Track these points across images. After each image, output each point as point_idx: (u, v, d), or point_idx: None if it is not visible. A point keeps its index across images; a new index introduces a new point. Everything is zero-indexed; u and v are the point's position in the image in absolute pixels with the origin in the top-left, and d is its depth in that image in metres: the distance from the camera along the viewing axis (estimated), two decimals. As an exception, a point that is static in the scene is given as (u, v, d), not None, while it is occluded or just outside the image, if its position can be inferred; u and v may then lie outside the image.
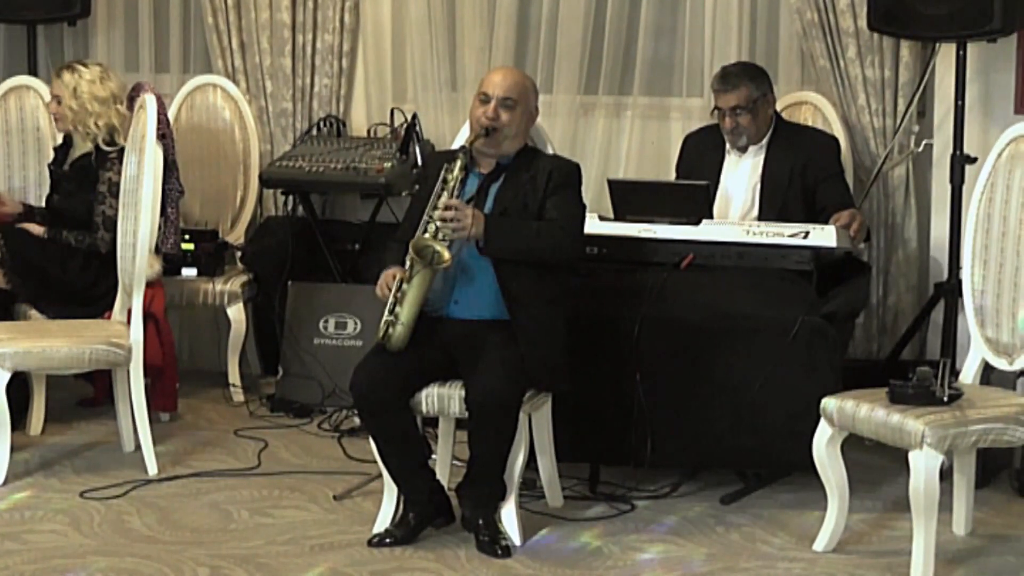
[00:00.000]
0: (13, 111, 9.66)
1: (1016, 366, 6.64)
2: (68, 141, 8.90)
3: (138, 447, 8.00)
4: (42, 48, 10.14)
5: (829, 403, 6.60)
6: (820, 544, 6.70)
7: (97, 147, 8.63)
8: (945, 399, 6.38)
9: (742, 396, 7.31)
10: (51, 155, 9.25)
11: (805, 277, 7.42)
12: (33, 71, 9.99)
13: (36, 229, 8.73)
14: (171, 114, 8.95)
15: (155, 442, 8.01)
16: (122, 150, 8.50)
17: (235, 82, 9.96)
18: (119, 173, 8.44)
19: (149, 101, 8.04)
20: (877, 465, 7.13)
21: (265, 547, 6.90)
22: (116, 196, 8.49)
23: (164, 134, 8.12)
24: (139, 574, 6.58)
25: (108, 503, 7.49)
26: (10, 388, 7.79)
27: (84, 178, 8.67)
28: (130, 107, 8.48)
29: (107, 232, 8.47)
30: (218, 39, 9.98)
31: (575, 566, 6.61)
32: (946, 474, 6.44)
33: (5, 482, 7.73)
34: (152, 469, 7.90)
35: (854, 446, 6.72)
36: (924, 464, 6.17)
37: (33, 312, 8.52)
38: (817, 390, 6.81)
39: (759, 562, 6.61)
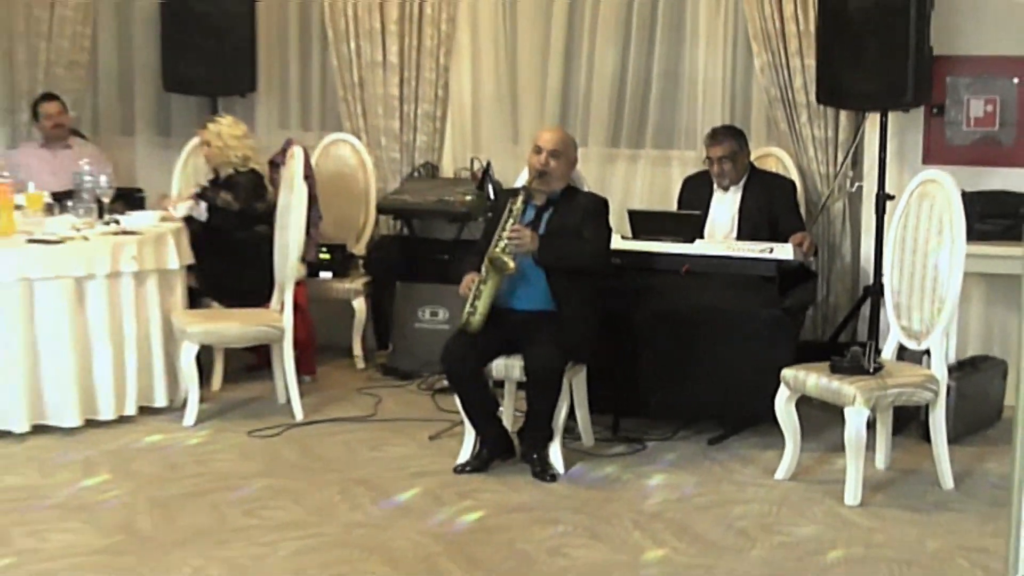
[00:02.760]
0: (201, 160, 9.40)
1: (922, 347, 6.77)
2: (216, 176, 8.84)
3: (288, 400, 8.09)
4: (222, 112, 9.94)
5: (787, 372, 6.80)
6: (779, 474, 6.88)
7: (235, 170, 8.68)
8: (871, 370, 6.65)
9: (723, 366, 7.47)
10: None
11: (770, 281, 7.48)
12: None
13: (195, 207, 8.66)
14: (313, 161, 8.98)
15: (301, 396, 8.08)
16: (254, 171, 8.67)
17: (359, 138, 9.82)
18: (255, 181, 8.60)
19: (297, 152, 8.17)
20: (821, 418, 7.14)
21: (379, 473, 7.08)
22: (244, 189, 8.59)
23: (308, 176, 8.14)
24: (288, 490, 6.75)
25: (267, 440, 7.65)
26: (199, 357, 7.93)
27: (230, 190, 8.57)
28: (282, 157, 8.41)
29: (237, 200, 8.54)
30: (347, 107, 9.93)
31: (601, 489, 6.78)
32: (871, 424, 6.60)
33: (195, 423, 7.86)
34: (299, 416, 8.01)
35: (805, 404, 6.86)
36: (855, 417, 6.45)
37: (214, 303, 8.52)
38: (778, 363, 6.95)
39: (734, 487, 6.80)
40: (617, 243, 7.52)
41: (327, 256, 9.33)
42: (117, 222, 8.28)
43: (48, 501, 6.59)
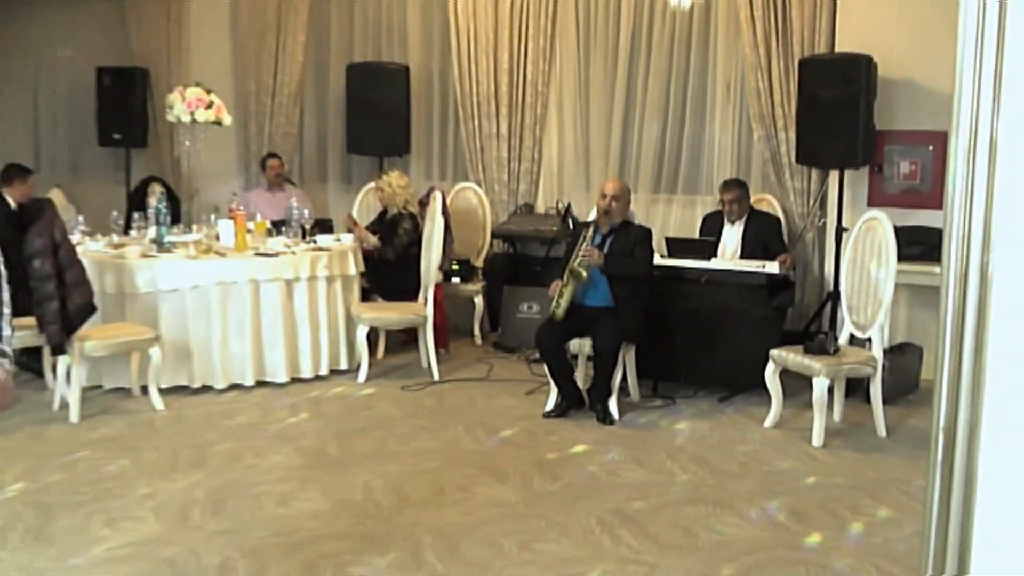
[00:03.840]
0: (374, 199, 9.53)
1: (866, 336, 6.73)
2: (385, 211, 8.93)
3: (429, 365, 8.07)
4: (388, 168, 9.98)
5: (773, 352, 6.81)
6: (767, 423, 6.84)
7: (399, 211, 8.70)
8: (831, 352, 6.60)
9: (729, 347, 7.44)
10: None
11: (762, 288, 7.45)
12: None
13: (372, 239, 8.75)
14: (448, 201, 8.99)
15: (437, 363, 8.07)
16: (412, 214, 8.64)
17: (479, 186, 9.78)
18: (412, 226, 8.57)
19: (437, 196, 8.14)
20: (796, 385, 7.06)
21: (490, 416, 7.10)
22: (407, 234, 8.55)
23: (445, 212, 8.11)
24: (428, 427, 6.85)
25: (414, 392, 7.67)
26: (369, 335, 7.97)
27: (392, 227, 8.67)
28: (427, 199, 8.36)
29: (395, 250, 8.56)
30: (472, 165, 9.92)
31: (643, 431, 6.79)
32: (831, 390, 6.60)
33: (365, 380, 7.88)
34: (436, 376, 7.98)
35: (785, 374, 6.80)
36: (820, 385, 6.49)
37: (379, 299, 8.51)
38: (768, 345, 6.93)
39: (736, 432, 6.78)
40: (657, 260, 7.44)
41: (457, 267, 9.30)
42: (315, 242, 8.32)
43: (266, 432, 6.72)
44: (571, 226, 8.52)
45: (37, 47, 12.04)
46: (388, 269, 8.62)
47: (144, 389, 7.36)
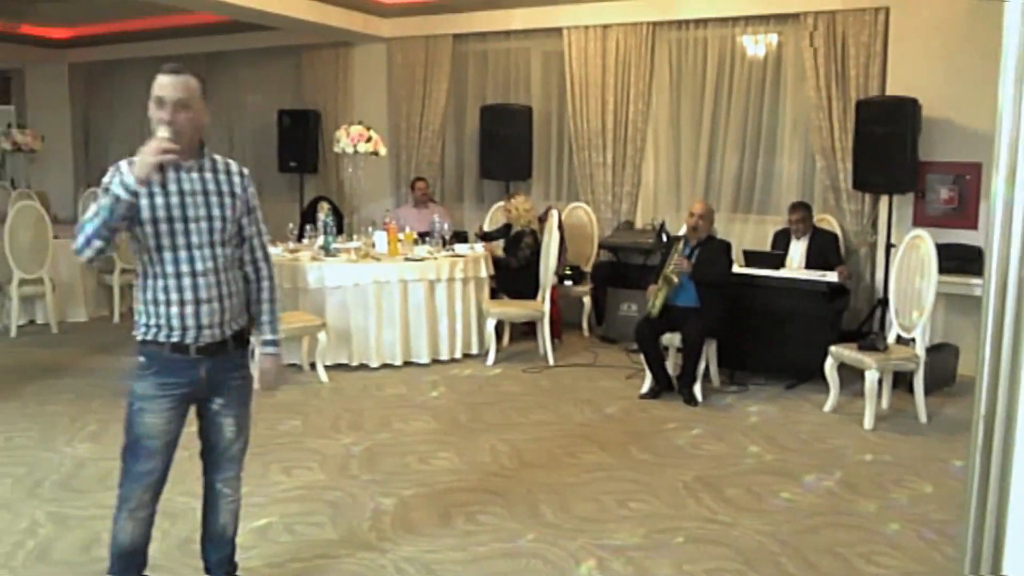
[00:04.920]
0: (501, 216, 9.55)
1: (910, 336, 6.52)
2: (509, 226, 8.86)
3: (545, 352, 8.02)
4: (511, 190, 10.05)
5: (832, 348, 6.66)
6: (826, 408, 6.67)
7: (522, 229, 8.66)
8: (881, 349, 6.42)
9: (795, 342, 7.26)
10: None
11: (823, 295, 7.26)
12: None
13: (498, 251, 8.79)
14: (563, 217, 9.01)
15: (552, 350, 8.05)
16: (533, 231, 8.59)
17: (589, 205, 9.67)
18: (533, 241, 8.50)
19: (554, 213, 8.16)
20: (851, 376, 6.90)
21: (596, 395, 7.07)
22: (528, 248, 8.48)
23: (560, 227, 8.10)
24: (543, 403, 6.83)
25: (532, 374, 7.65)
26: (497, 326, 8.01)
27: (516, 241, 8.63)
28: (545, 216, 8.42)
29: (518, 261, 8.52)
30: (582, 188, 9.79)
31: (721, 411, 6.67)
32: (880, 381, 6.42)
33: (492, 363, 7.89)
34: (551, 361, 7.94)
35: (842, 367, 6.66)
36: (871, 376, 6.33)
37: (505, 296, 8.50)
38: (827, 341, 6.78)
39: (799, 415, 6.61)
40: (736, 269, 7.33)
41: (569, 272, 9.18)
42: (453, 250, 8.36)
43: (411, 403, 6.79)
44: (664, 239, 8.43)
45: (231, 95, 12.45)
46: (513, 273, 8.58)
47: (312, 365, 7.53)
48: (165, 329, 3.19)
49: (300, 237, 8.78)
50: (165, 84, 3.13)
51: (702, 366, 6.95)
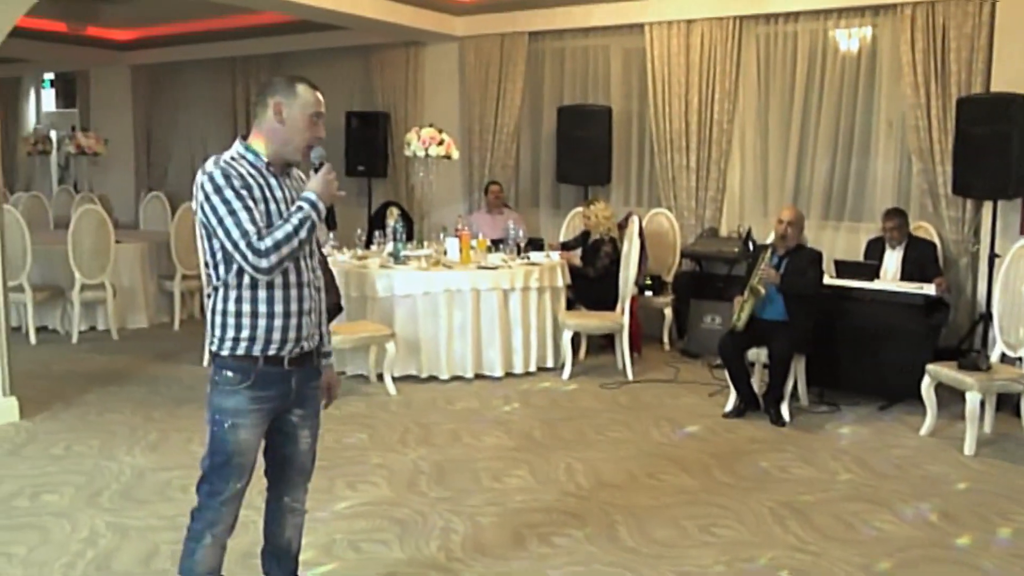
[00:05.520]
0: (579, 222, 9.61)
1: (1017, 354, 6.45)
2: (587, 233, 8.88)
3: (623, 366, 8.03)
4: (590, 195, 10.04)
5: (930, 367, 6.54)
6: (923, 432, 6.57)
7: (600, 236, 8.67)
8: (984, 368, 6.31)
9: (889, 360, 7.14)
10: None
11: (919, 308, 7.15)
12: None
13: (576, 260, 8.76)
14: (644, 224, 8.94)
15: (631, 364, 8.04)
16: (612, 239, 8.62)
17: (671, 211, 9.67)
18: (612, 249, 8.53)
19: (634, 219, 8.16)
20: (950, 398, 6.78)
21: (676, 413, 7.07)
22: (607, 256, 8.51)
23: (640, 234, 8.08)
24: (621, 420, 6.83)
25: (610, 390, 7.66)
26: (573, 338, 8.03)
27: (594, 250, 8.65)
28: (625, 222, 8.40)
29: (596, 270, 8.55)
30: (664, 193, 9.82)
31: (810, 433, 6.61)
32: (982, 403, 6.29)
33: (569, 377, 7.93)
34: (630, 376, 7.95)
35: (940, 387, 6.52)
36: (973, 398, 6.18)
37: (582, 307, 8.51)
38: (924, 359, 6.68)
39: (894, 438, 6.52)
40: (827, 280, 7.30)
41: (650, 282, 9.18)
42: (528, 258, 8.42)
43: (483, 417, 6.85)
44: (751, 248, 8.41)
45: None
46: (590, 283, 8.61)
47: (380, 376, 7.63)
48: (261, 342, 3.22)
49: (368, 243, 8.89)
50: (321, 101, 3.30)
51: (790, 384, 6.91)
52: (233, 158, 3.20)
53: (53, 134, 15.18)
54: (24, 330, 9.16)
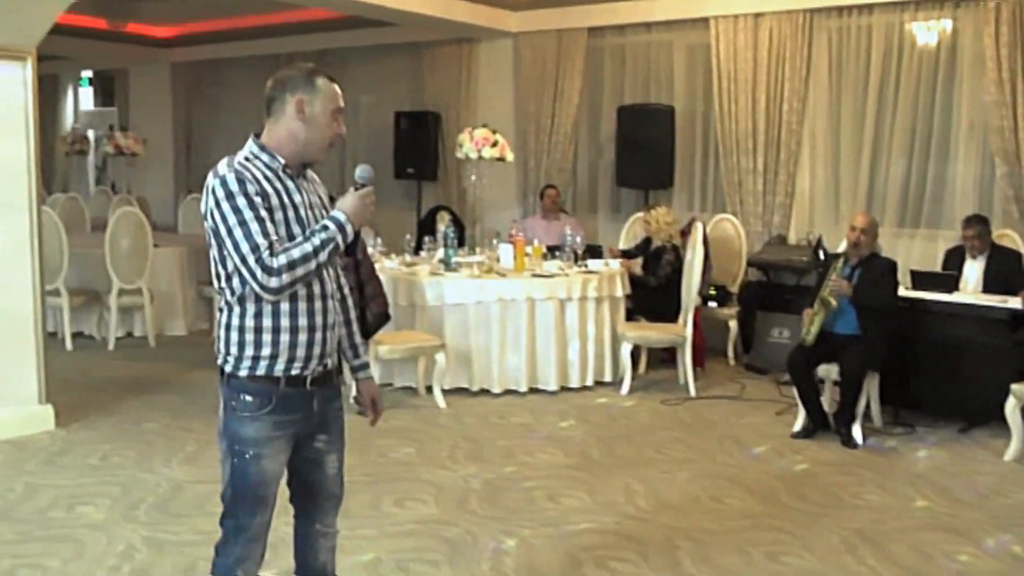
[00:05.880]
0: (640, 229, 9.64)
1: None
2: (648, 240, 8.91)
3: (686, 382, 7.99)
4: (651, 200, 9.97)
5: (1015, 387, 6.37)
6: (1007, 456, 6.43)
7: (662, 244, 8.69)
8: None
9: (969, 378, 7.00)
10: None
11: (1003, 323, 6.96)
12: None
13: (636, 268, 8.82)
14: (708, 231, 8.86)
15: (694, 380, 7.99)
16: (675, 246, 8.61)
17: (736, 217, 9.66)
18: (675, 257, 8.51)
19: (698, 226, 8.16)
20: None
21: (742, 433, 7.05)
22: (669, 265, 8.51)
23: (704, 241, 8.06)
24: (681, 438, 6.83)
25: (672, 407, 7.64)
26: (632, 351, 7.99)
27: (656, 258, 8.67)
28: (688, 229, 8.44)
29: (657, 279, 8.55)
30: (729, 197, 9.82)
31: (885, 456, 6.54)
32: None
33: (627, 392, 7.91)
34: (692, 392, 7.92)
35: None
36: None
37: (642, 319, 8.52)
38: (1008, 379, 6.46)
39: (975, 463, 6.40)
40: (902, 292, 7.22)
41: (714, 292, 9.18)
42: (586, 266, 8.43)
43: (537, 434, 6.86)
44: (821, 257, 8.36)
45: (346, 95, 12.61)
46: (651, 293, 8.60)
47: (429, 389, 7.67)
48: (284, 361, 3.08)
49: (418, 250, 8.96)
50: (341, 95, 3.22)
51: (862, 403, 6.83)
52: (248, 158, 3.07)
53: (91, 134, 15.46)
54: (60, 336, 9.31)
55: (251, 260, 2.91)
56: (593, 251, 9.29)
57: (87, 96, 17.30)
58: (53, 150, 15.07)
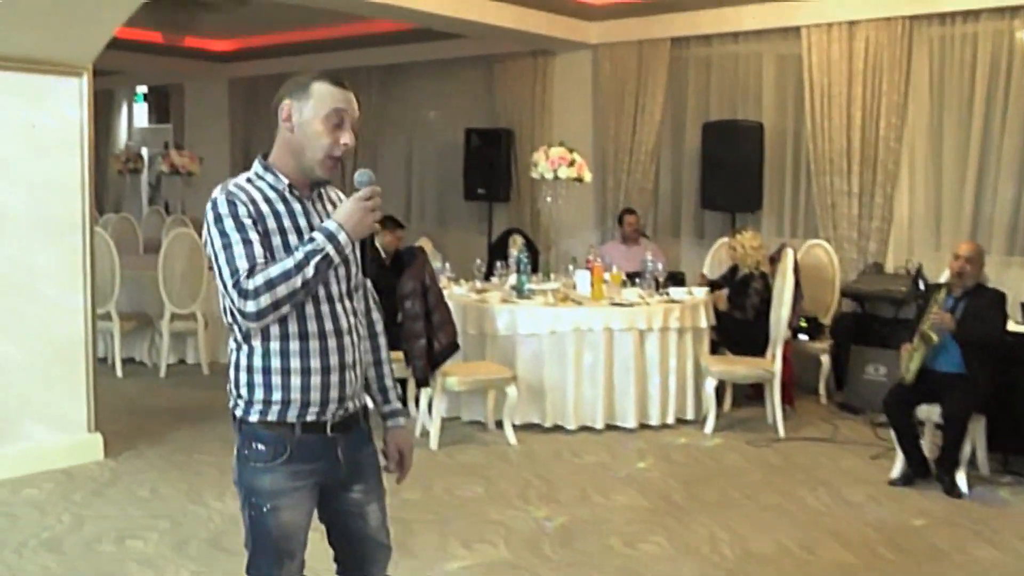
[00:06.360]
0: (725, 255, 9.63)
1: None
2: (735, 268, 8.93)
3: (774, 421, 7.92)
4: (738, 223, 9.93)
5: None
6: None
7: (750, 272, 8.70)
8: None
9: None
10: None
11: None
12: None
13: (722, 303, 8.80)
14: (798, 258, 8.80)
15: (783, 419, 7.93)
16: (763, 274, 8.61)
17: (829, 243, 9.54)
18: (763, 286, 8.53)
19: (788, 253, 8.16)
20: None
21: (834, 477, 6.95)
22: (757, 295, 8.54)
23: (795, 269, 8.04)
24: (770, 482, 6.77)
25: (759, 448, 7.58)
26: (716, 387, 7.97)
27: (743, 287, 8.69)
28: (778, 255, 8.42)
29: (744, 313, 8.59)
30: (822, 222, 9.77)
31: (992, 507, 6.39)
32: None
33: (712, 431, 7.88)
34: (781, 433, 7.84)
35: None
36: None
37: (727, 352, 8.54)
38: None
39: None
40: (1011, 326, 7.04)
41: (805, 324, 9.07)
42: (668, 294, 8.43)
43: (614, 474, 6.87)
44: (922, 287, 8.29)
45: (413, 111, 13.02)
46: (738, 324, 8.62)
47: (499, 424, 7.73)
48: (297, 405, 2.94)
49: (488, 275, 9.03)
50: (346, 99, 2.95)
51: (967, 448, 6.71)
52: (249, 179, 2.96)
53: (145, 151, 15.81)
54: (110, 361, 9.52)
55: (230, 285, 2.80)
56: (675, 278, 9.30)
57: (141, 112, 17.70)
58: (105, 168, 15.38)
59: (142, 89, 17.47)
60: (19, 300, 6.53)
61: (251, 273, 2.77)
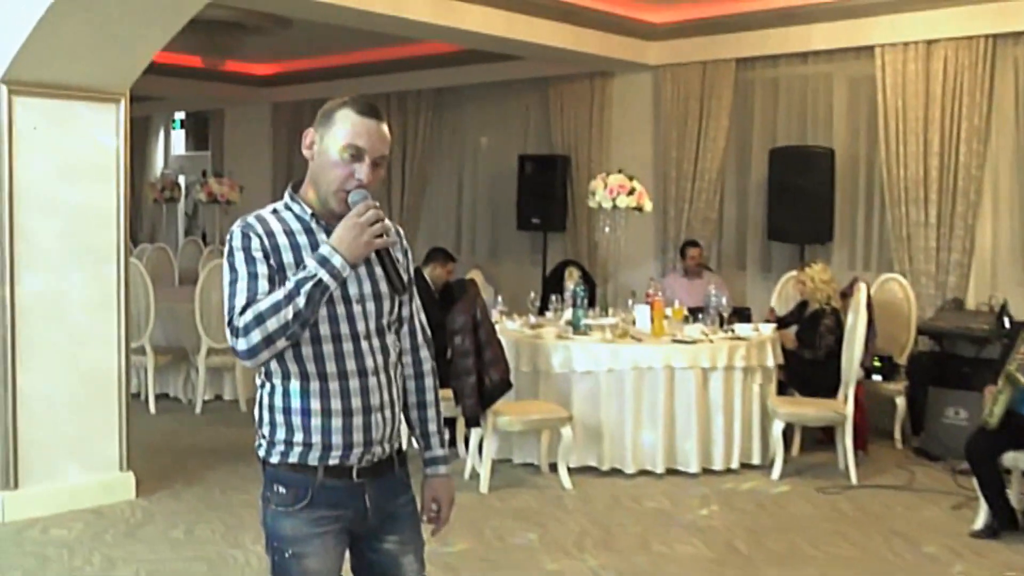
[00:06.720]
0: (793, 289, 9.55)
1: None
2: (804, 302, 8.89)
3: (846, 467, 7.81)
4: (807, 256, 10.06)
5: None
6: None
7: (820, 307, 8.62)
8: None
9: None
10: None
11: None
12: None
13: (789, 340, 8.76)
14: (872, 293, 8.75)
15: (856, 465, 7.82)
16: (834, 309, 8.55)
17: (905, 277, 9.44)
18: (834, 323, 8.46)
19: (861, 287, 8.08)
20: None
21: (911, 528, 6.83)
22: (829, 333, 8.44)
23: (868, 304, 7.99)
24: (843, 533, 6.67)
25: (829, 496, 7.48)
26: (784, 430, 7.92)
27: (813, 324, 8.61)
28: (850, 290, 8.35)
29: (814, 352, 8.51)
30: (897, 254, 9.74)
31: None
32: None
33: (779, 477, 7.79)
34: (854, 480, 7.72)
35: None
36: None
37: (795, 393, 8.50)
38: None
39: None
40: None
41: (878, 364, 9.02)
42: (732, 331, 8.40)
43: (676, 521, 6.83)
44: (1006, 325, 8.21)
45: (464, 136, 13.09)
46: (807, 363, 8.55)
47: (553, 467, 7.69)
48: (319, 448, 2.93)
49: (543, 309, 9.03)
50: (367, 131, 2.89)
51: (1061, 499, 6.64)
52: (275, 210, 2.97)
53: (182, 179, 15.99)
54: (143, 397, 9.62)
55: (226, 322, 2.80)
56: (741, 314, 9.25)
57: (179, 139, 17.90)
58: (141, 197, 15.60)
59: (180, 115, 17.67)
60: (51, 332, 6.58)
61: (244, 310, 2.77)
